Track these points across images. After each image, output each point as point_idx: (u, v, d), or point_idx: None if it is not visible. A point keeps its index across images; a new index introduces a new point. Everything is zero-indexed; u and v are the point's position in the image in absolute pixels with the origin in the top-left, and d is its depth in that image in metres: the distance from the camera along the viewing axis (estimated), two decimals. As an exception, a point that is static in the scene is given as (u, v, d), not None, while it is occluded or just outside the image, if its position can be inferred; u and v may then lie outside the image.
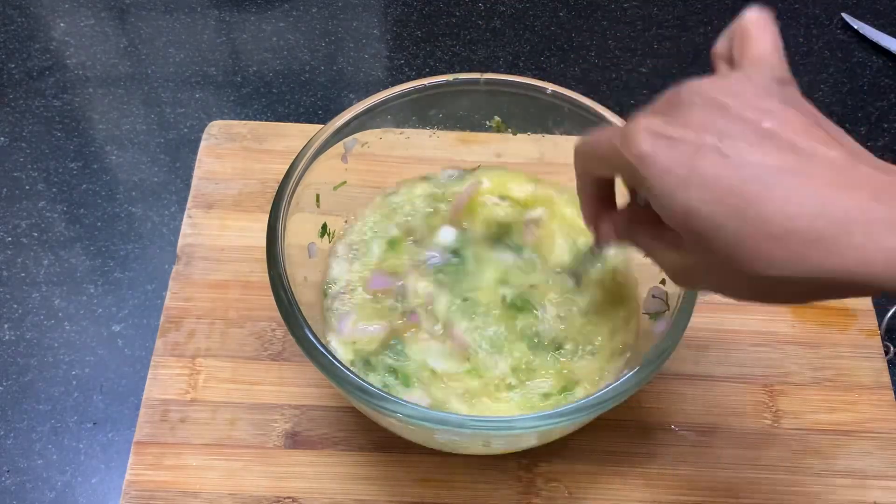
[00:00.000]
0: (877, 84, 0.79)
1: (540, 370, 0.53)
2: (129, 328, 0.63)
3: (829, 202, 0.32)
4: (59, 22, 0.82)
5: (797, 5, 0.84)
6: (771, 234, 0.33)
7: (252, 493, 0.54)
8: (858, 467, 0.56)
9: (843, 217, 0.32)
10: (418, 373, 0.52)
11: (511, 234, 0.58)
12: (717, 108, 0.35)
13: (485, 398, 0.52)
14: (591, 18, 0.84)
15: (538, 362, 0.53)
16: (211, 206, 0.66)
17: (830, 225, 0.32)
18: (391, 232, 0.59)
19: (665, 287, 0.54)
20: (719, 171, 0.34)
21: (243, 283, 0.62)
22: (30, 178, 0.70)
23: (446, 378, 0.52)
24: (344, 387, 0.46)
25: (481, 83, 0.58)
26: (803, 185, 0.33)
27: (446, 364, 0.53)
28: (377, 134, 0.59)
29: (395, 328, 0.54)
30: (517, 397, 0.52)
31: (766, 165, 0.33)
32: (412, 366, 0.53)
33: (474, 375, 0.52)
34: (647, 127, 0.35)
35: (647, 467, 0.56)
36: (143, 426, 0.56)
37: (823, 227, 0.32)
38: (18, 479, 0.56)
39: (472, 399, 0.52)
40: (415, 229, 0.59)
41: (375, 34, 0.82)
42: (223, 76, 0.78)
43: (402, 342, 0.54)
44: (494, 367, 0.53)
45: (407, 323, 0.54)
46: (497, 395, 0.52)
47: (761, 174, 0.33)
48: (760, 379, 0.59)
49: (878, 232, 0.32)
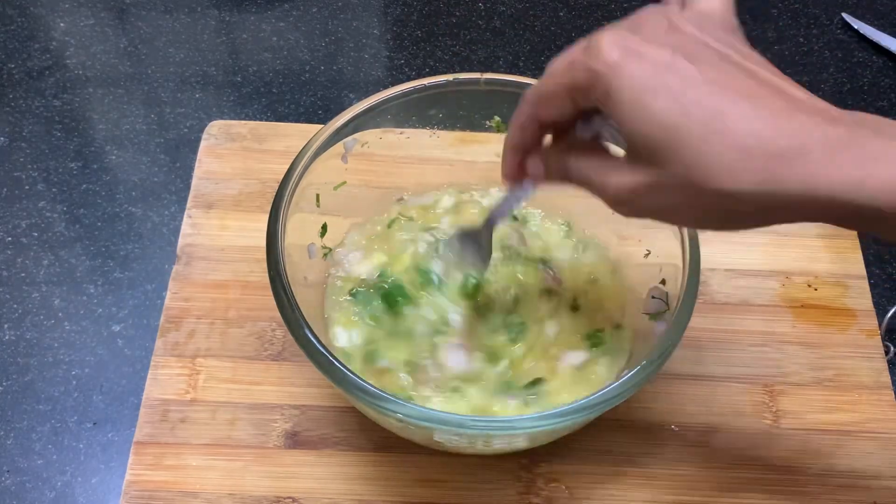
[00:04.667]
0: (877, 84, 0.79)
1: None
2: (129, 328, 0.63)
3: (790, 121, 0.34)
4: (59, 22, 0.82)
5: (797, 5, 0.84)
6: (736, 147, 0.34)
7: (252, 493, 0.54)
8: (858, 467, 0.56)
9: (803, 136, 0.33)
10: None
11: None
12: (682, 32, 0.36)
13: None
14: (591, 18, 0.84)
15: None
16: (211, 206, 0.66)
17: (791, 141, 0.33)
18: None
19: (665, 287, 0.54)
20: (687, 86, 0.34)
21: (243, 283, 0.62)
22: (30, 178, 0.70)
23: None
24: (344, 387, 0.46)
25: (481, 83, 0.58)
26: (766, 105, 0.34)
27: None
28: (377, 134, 0.59)
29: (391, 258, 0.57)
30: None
31: (732, 85, 0.35)
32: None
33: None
34: (615, 39, 0.36)
35: (647, 467, 0.56)
36: (143, 426, 0.56)
37: (784, 143, 0.33)
38: (18, 479, 0.56)
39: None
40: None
41: (375, 34, 0.82)
42: (223, 76, 0.78)
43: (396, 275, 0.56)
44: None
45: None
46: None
47: (727, 92, 0.34)
48: (760, 379, 0.59)
49: (835, 149, 0.33)
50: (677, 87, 0.35)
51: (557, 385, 0.53)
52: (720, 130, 0.34)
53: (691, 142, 0.34)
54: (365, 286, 0.57)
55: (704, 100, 0.34)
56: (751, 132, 0.34)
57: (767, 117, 0.34)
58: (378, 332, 0.55)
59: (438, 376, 0.53)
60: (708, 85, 0.34)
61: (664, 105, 0.35)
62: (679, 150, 0.35)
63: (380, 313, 0.56)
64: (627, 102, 0.35)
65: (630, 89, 0.35)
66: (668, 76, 0.35)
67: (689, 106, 0.34)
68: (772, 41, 0.81)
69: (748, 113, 0.34)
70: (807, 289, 0.63)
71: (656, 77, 0.35)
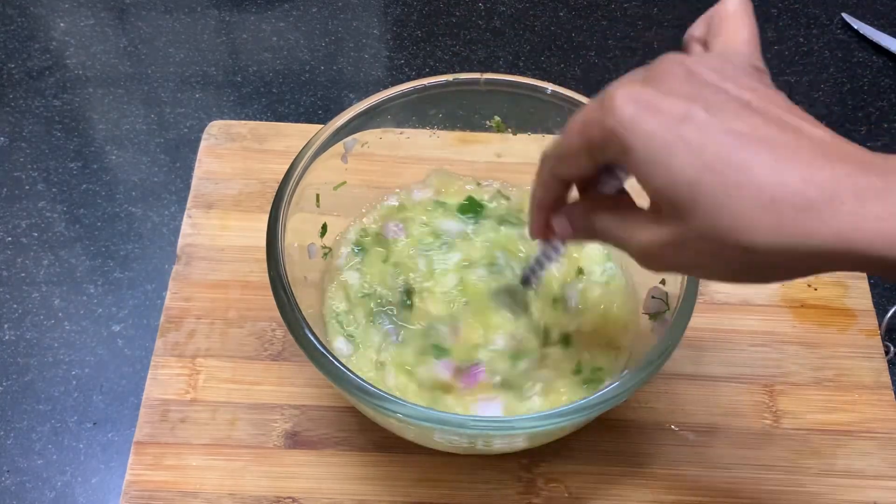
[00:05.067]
0: (877, 84, 0.79)
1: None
2: (129, 328, 0.63)
3: (818, 170, 0.32)
4: (59, 22, 0.82)
5: (797, 5, 0.84)
6: (759, 202, 0.32)
7: (252, 493, 0.54)
8: (858, 467, 0.56)
9: (832, 184, 0.32)
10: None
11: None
12: (700, 81, 0.35)
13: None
14: (591, 18, 0.84)
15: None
16: (211, 206, 0.66)
17: (820, 192, 0.32)
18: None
19: (665, 287, 0.54)
20: (706, 139, 0.33)
21: (243, 283, 0.62)
22: (30, 178, 0.70)
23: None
24: (344, 387, 0.46)
25: (481, 83, 0.58)
26: (791, 154, 0.32)
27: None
28: (377, 134, 0.59)
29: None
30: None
31: (754, 135, 0.33)
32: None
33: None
34: (629, 94, 0.34)
35: (647, 467, 0.56)
36: (143, 426, 0.56)
37: (813, 194, 0.32)
38: (18, 479, 0.56)
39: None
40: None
41: (375, 34, 0.82)
42: (223, 76, 0.78)
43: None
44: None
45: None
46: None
47: (749, 142, 0.33)
48: (760, 379, 0.59)
49: (867, 199, 0.31)
50: (695, 140, 0.33)
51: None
52: (743, 184, 0.32)
53: (714, 197, 0.33)
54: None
55: (724, 152, 0.33)
56: (776, 184, 0.32)
57: (793, 167, 0.32)
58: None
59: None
60: (728, 136, 0.33)
61: (683, 161, 0.33)
62: (701, 206, 0.33)
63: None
64: (644, 161, 0.34)
65: (646, 147, 0.34)
66: (686, 129, 0.33)
67: (709, 160, 0.33)
68: (772, 41, 0.81)
69: (772, 163, 0.32)
70: (807, 289, 0.63)
71: (673, 131, 0.33)
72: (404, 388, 0.52)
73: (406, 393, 0.52)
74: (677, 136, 0.33)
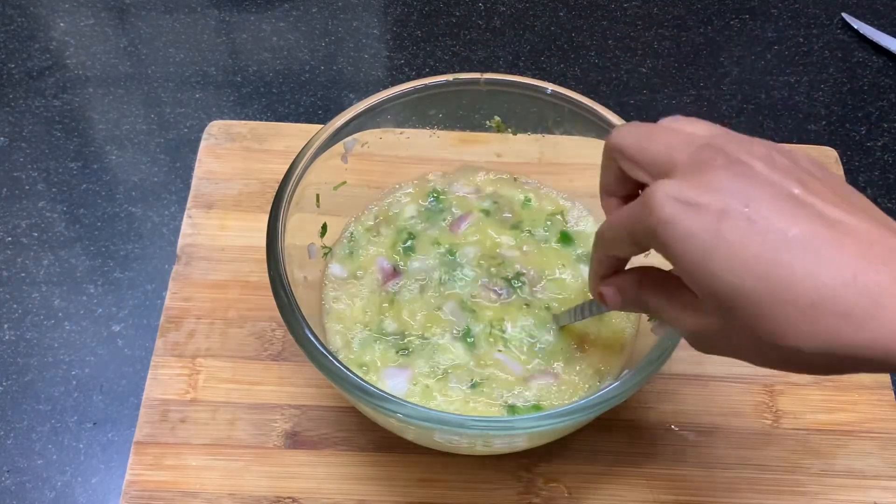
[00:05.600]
0: (877, 84, 0.79)
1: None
2: (129, 328, 0.63)
3: (860, 274, 0.31)
4: (59, 22, 0.82)
5: (797, 5, 0.84)
6: (798, 305, 0.32)
7: (252, 493, 0.54)
8: (858, 467, 0.56)
9: (874, 290, 0.31)
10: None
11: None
12: (742, 171, 0.34)
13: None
14: (591, 18, 0.84)
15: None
16: (211, 206, 0.66)
17: (861, 298, 0.31)
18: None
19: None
20: (745, 238, 0.32)
21: (243, 283, 0.62)
22: (30, 178, 0.70)
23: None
24: (344, 387, 0.46)
25: (481, 83, 0.58)
26: (832, 255, 0.32)
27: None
28: (377, 134, 0.59)
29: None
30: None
31: (794, 233, 0.32)
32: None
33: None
34: (669, 192, 0.34)
35: (647, 467, 0.56)
36: (143, 426, 0.56)
37: (854, 300, 0.31)
38: (18, 479, 0.56)
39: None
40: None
41: (375, 34, 0.82)
42: (223, 76, 0.78)
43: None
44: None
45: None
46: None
47: (789, 242, 0.32)
48: (760, 379, 0.59)
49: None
50: (736, 240, 0.32)
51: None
52: (783, 288, 0.32)
53: (753, 300, 0.32)
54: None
55: (765, 254, 0.32)
56: (816, 288, 0.31)
57: (834, 270, 0.31)
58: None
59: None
60: (768, 234, 0.32)
61: (722, 265, 0.33)
62: (741, 310, 0.33)
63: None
64: (684, 261, 0.34)
65: (685, 248, 0.34)
66: (725, 227, 0.33)
67: (749, 262, 0.32)
68: (772, 41, 0.81)
69: (812, 267, 0.31)
70: (807, 289, 0.63)
71: (712, 231, 0.33)
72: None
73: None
74: (717, 236, 0.33)
